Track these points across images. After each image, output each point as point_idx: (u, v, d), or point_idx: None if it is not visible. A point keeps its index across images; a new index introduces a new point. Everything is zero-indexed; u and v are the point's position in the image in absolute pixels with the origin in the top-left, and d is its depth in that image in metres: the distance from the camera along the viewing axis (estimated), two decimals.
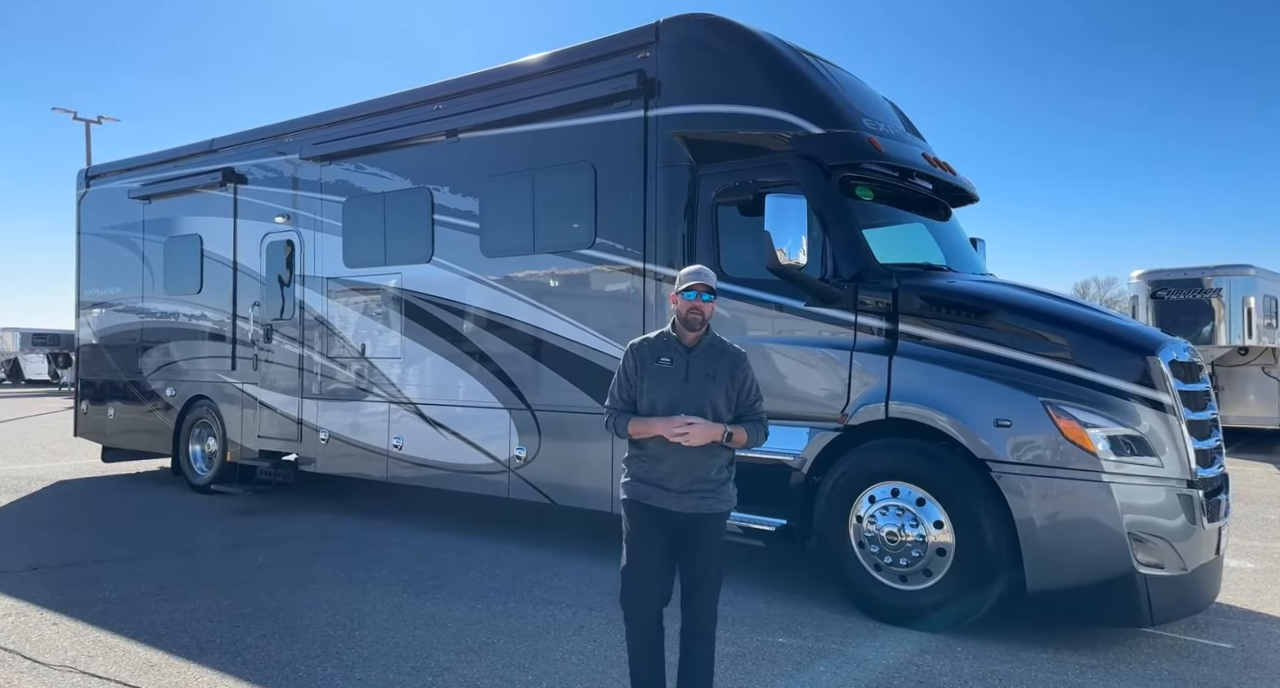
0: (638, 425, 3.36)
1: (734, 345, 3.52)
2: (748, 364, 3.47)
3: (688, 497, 3.33)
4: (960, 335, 5.05)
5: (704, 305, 3.39)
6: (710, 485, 3.37)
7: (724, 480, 3.42)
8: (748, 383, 3.45)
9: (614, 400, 3.48)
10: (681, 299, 3.39)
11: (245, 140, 9.29)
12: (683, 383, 3.36)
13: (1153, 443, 4.55)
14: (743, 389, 3.43)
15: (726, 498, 3.43)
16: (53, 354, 38.24)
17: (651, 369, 3.40)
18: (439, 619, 5.00)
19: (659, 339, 3.47)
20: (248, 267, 9.13)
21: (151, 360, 10.17)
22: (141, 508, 8.71)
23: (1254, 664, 4.45)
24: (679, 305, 3.40)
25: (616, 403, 3.47)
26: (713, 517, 3.38)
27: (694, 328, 3.39)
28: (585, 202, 6.47)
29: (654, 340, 3.47)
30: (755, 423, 3.44)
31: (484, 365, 7.08)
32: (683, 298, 3.39)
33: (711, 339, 3.46)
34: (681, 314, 3.39)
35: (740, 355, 3.47)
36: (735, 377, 3.41)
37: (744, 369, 3.44)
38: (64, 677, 4.11)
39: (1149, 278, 15.69)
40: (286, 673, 4.16)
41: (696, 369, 3.38)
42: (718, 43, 6.05)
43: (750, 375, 3.46)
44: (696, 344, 3.42)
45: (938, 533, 4.83)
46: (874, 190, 5.92)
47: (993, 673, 4.26)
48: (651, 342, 3.47)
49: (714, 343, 3.46)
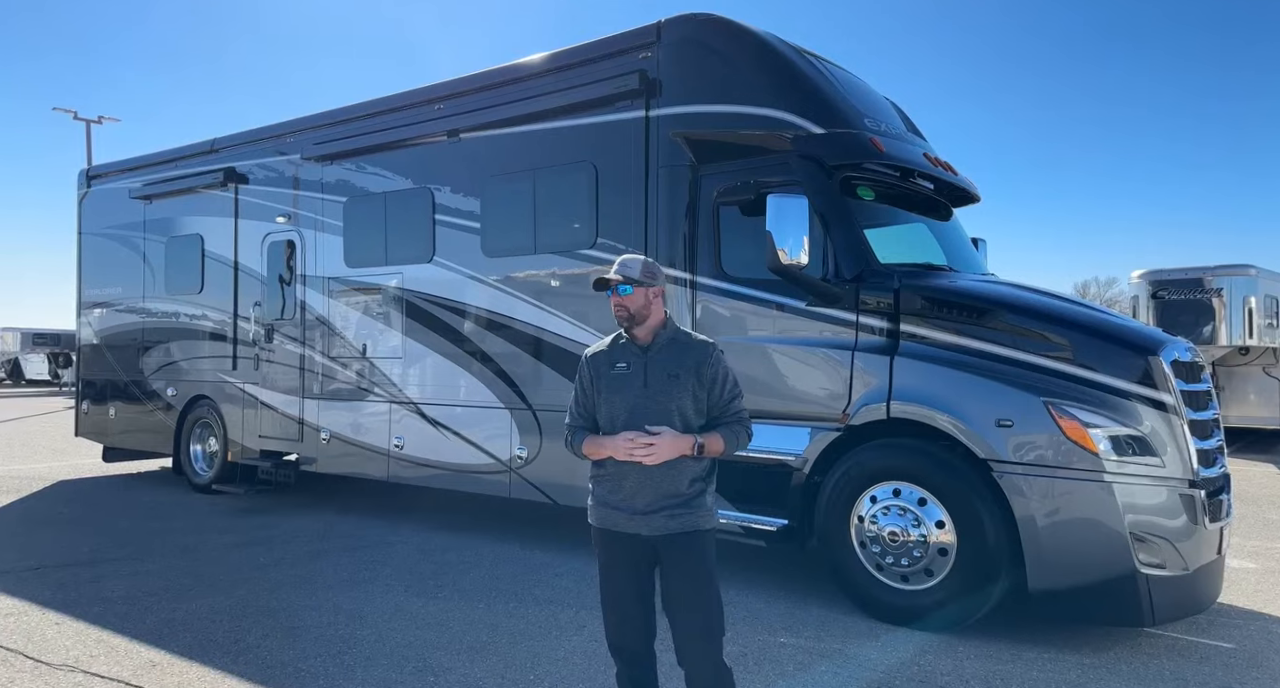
0: (591, 446, 2.98)
1: (699, 337, 3.07)
2: (718, 357, 3.00)
3: (655, 516, 2.88)
4: (962, 335, 5.04)
5: (625, 300, 2.97)
6: (680, 500, 2.89)
7: (698, 493, 2.92)
8: (719, 379, 2.98)
9: (572, 417, 3.10)
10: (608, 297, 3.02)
11: (246, 140, 9.29)
12: (642, 388, 2.93)
13: (1154, 443, 4.55)
14: (714, 388, 2.97)
15: (705, 514, 2.92)
16: (53, 354, 38.23)
17: (607, 377, 3.00)
18: (441, 619, 5.00)
19: (614, 344, 3.07)
20: (249, 266, 9.13)
21: (152, 360, 10.18)
22: (143, 508, 8.72)
23: (1255, 664, 4.45)
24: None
25: (575, 420, 3.09)
26: (687, 537, 2.89)
27: (630, 326, 2.99)
28: (586, 201, 6.47)
29: (609, 346, 3.07)
30: (733, 425, 2.97)
31: (485, 365, 7.08)
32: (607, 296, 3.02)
33: (672, 334, 3.02)
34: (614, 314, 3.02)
35: (707, 348, 3.00)
36: (703, 374, 2.95)
37: (712, 364, 2.97)
38: (66, 676, 4.12)
39: (1150, 278, 15.68)
40: (288, 673, 4.17)
41: (656, 371, 2.94)
42: (719, 43, 6.05)
43: (721, 370, 2.99)
44: (653, 342, 3.00)
45: (939, 533, 4.83)
46: (875, 190, 5.92)
47: (995, 673, 4.26)
48: (606, 348, 3.07)
49: (674, 338, 3.02)
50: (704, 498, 2.95)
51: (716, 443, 2.92)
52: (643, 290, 2.98)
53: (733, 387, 3.02)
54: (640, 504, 2.92)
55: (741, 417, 3.01)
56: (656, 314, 3.02)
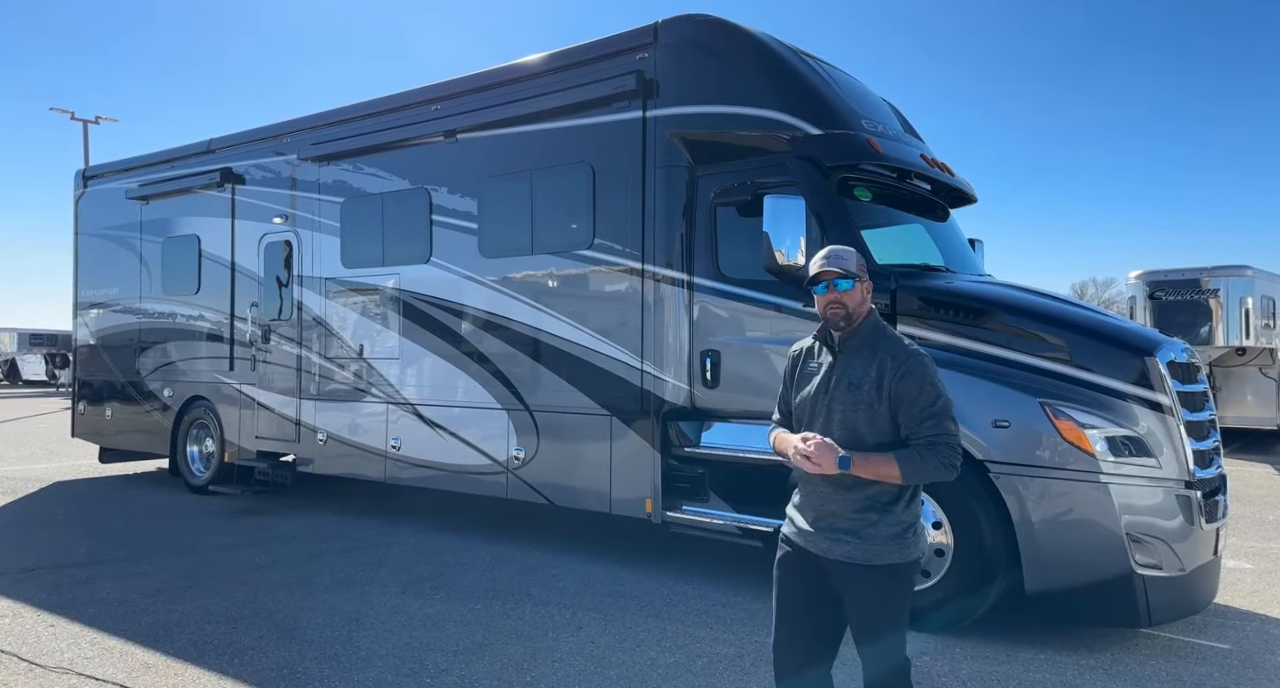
0: (777, 441, 2.75)
1: (903, 344, 2.67)
2: (912, 369, 2.58)
3: (820, 537, 2.64)
4: (958, 336, 5.05)
5: (844, 296, 2.65)
6: (846, 525, 2.59)
7: (869, 524, 2.57)
8: (910, 396, 2.56)
9: (777, 411, 2.89)
10: (815, 295, 2.72)
11: (243, 141, 9.27)
12: (822, 393, 2.67)
13: (1151, 444, 4.56)
14: (903, 405, 2.57)
15: (877, 547, 2.56)
16: (50, 355, 38.18)
17: (802, 374, 2.77)
18: (437, 620, 5.00)
19: (816, 338, 2.82)
20: (246, 267, 9.12)
21: (149, 361, 10.16)
22: (139, 509, 8.70)
23: (1252, 665, 4.45)
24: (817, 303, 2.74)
25: (777, 414, 2.88)
26: (854, 569, 2.58)
27: (846, 325, 2.69)
28: (583, 202, 6.46)
29: (813, 339, 2.83)
30: (922, 448, 2.53)
31: (482, 366, 7.07)
32: (815, 293, 2.72)
33: (869, 338, 2.68)
34: (820, 313, 2.73)
35: (901, 358, 2.61)
36: (887, 387, 2.58)
37: (901, 377, 2.57)
38: (61, 678, 4.10)
39: (1147, 279, 15.71)
40: (284, 675, 4.16)
41: (840, 376, 2.65)
42: (716, 43, 6.05)
43: (914, 386, 2.57)
44: (849, 342, 2.69)
45: (936, 534, 4.83)
46: (872, 191, 5.93)
47: (991, 674, 4.26)
48: (811, 342, 2.84)
49: (869, 343, 2.67)
50: (877, 529, 2.57)
51: (879, 465, 2.51)
52: (860, 286, 2.68)
53: (929, 405, 2.56)
54: (809, 518, 2.69)
55: (936, 440, 2.54)
56: (858, 313, 2.69)
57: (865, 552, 2.58)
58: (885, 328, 2.74)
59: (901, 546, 2.60)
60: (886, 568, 2.58)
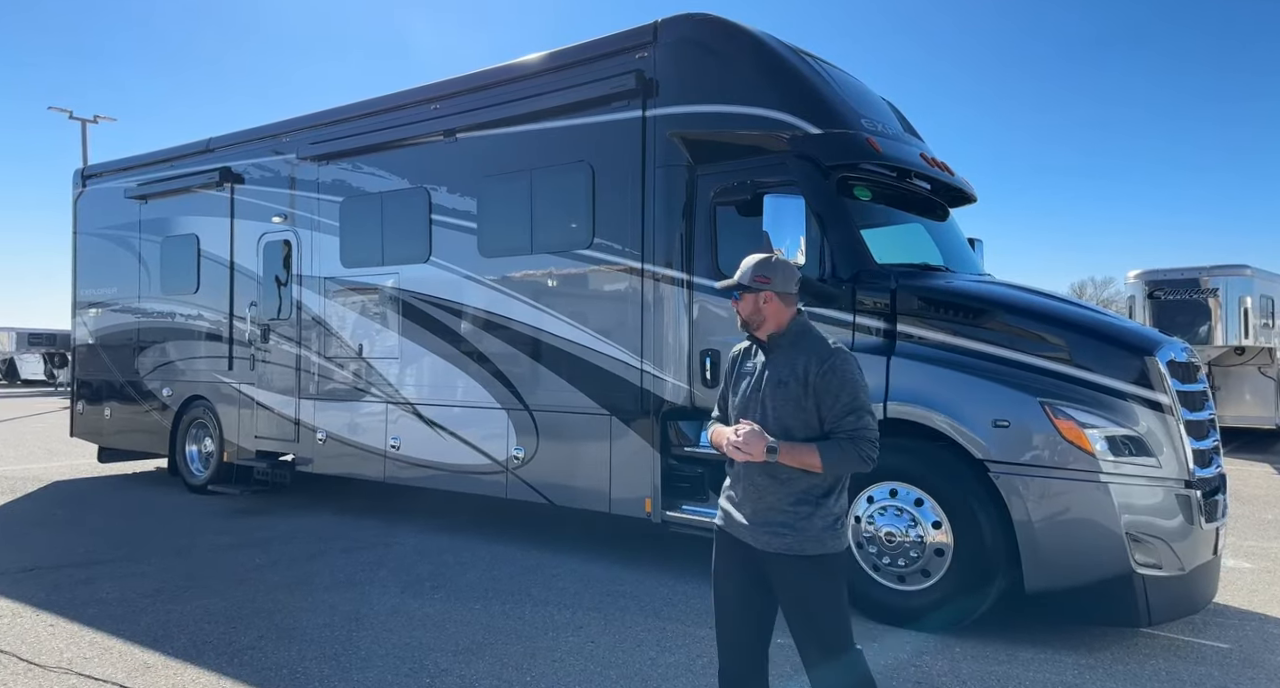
0: (713, 434, 2.91)
1: (825, 343, 2.82)
2: (834, 366, 2.72)
3: (759, 530, 2.75)
4: (958, 336, 5.05)
5: (736, 305, 2.90)
6: (782, 518, 2.71)
7: (805, 516, 2.70)
8: (831, 390, 2.70)
9: (716, 409, 3.06)
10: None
11: (242, 140, 9.26)
12: (754, 392, 2.83)
13: (1151, 443, 4.56)
14: (825, 399, 2.71)
15: (812, 538, 2.69)
16: (49, 354, 38.14)
17: (738, 374, 2.94)
18: (437, 620, 5.00)
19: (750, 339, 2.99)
20: (245, 266, 9.11)
21: (148, 360, 10.15)
22: (138, 509, 8.69)
23: (1251, 664, 4.46)
24: None
25: (716, 411, 3.04)
26: (789, 560, 2.70)
27: (748, 331, 2.91)
28: (583, 201, 6.46)
29: (749, 341, 3.00)
30: (843, 441, 2.67)
31: (482, 366, 7.07)
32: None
33: (794, 338, 2.84)
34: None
35: (823, 355, 2.75)
36: (811, 383, 2.72)
37: (824, 373, 2.71)
38: (60, 678, 4.10)
39: (1146, 278, 15.72)
40: (284, 675, 4.15)
41: (770, 375, 2.81)
42: (716, 43, 6.05)
43: (835, 381, 2.70)
44: (774, 344, 2.86)
45: (936, 534, 4.83)
46: (872, 191, 5.92)
47: (991, 673, 4.26)
48: (748, 343, 3.00)
49: (795, 342, 2.83)
50: (811, 521, 2.70)
51: (803, 454, 2.65)
52: (751, 297, 2.85)
53: (849, 401, 2.70)
54: (747, 512, 2.79)
55: (856, 434, 2.69)
56: (773, 319, 2.85)
57: (801, 543, 2.70)
58: (810, 329, 2.89)
59: (833, 536, 2.74)
60: (819, 558, 2.71)
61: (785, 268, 2.91)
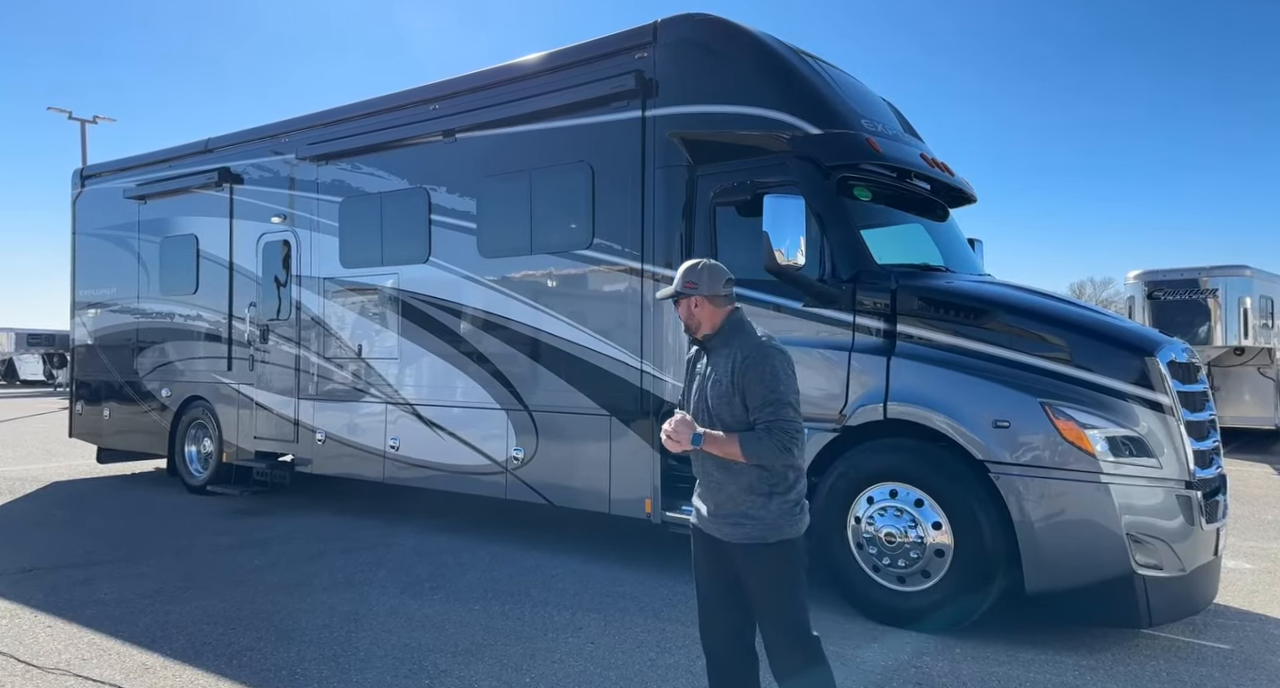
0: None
1: (752, 340, 2.95)
2: (755, 361, 2.87)
3: (721, 523, 2.93)
4: (958, 336, 5.04)
5: (677, 311, 3.10)
6: (740, 509, 2.88)
7: (759, 505, 2.85)
8: (753, 383, 2.85)
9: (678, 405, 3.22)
10: None
11: (241, 140, 9.26)
12: (696, 390, 3.05)
13: (1151, 444, 4.55)
14: (749, 392, 2.86)
15: (770, 526, 2.84)
16: (48, 354, 38.13)
17: (689, 374, 3.15)
18: (437, 621, 4.99)
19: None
20: (244, 267, 9.10)
21: (147, 361, 10.14)
22: (137, 509, 8.68)
23: (1252, 665, 4.45)
24: None
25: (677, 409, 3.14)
26: (751, 549, 2.87)
27: (691, 333, 3.10)
28: (583, 202, 6.45)
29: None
30: (762, 431, 2.81)
31: (481, 366, 7.06)
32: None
33: (726, 338, 3.00)
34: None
35: (748, 351, 2.90)
36: (738, 378, 2.88)
37: (746, 368, 2.87)
38: (58, 680, 4.09)
39: (1145, 278, 15.72)
40: (283, 676, 4.15)
41: (711, 374, 2.99)
42: (716, 43, 6.04)
43: (755, 374, 2.85)
44: (712, 341, 3.04)
45: (936, 534, 4.82)
46: (872, 191, 5.92)
47: (991, 674, 4.25)
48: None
49: (728, 342, 2.98)
50: (767, 510, 2.85)
51: (725, 444, 2.82)
52: (684, 302, 3.06)
53: (768, 393, 2.83)
54: (710, 506, 2.98)
55: (773, 425, 2.80)
56: (707, 320, 3.03)
57: (761, 532, 2.85)
58: (742, 326, 3.03)
59: (790, 523, 2.88)
60: (779, 544, 2.86)
61: (712, 271, 3.06)
